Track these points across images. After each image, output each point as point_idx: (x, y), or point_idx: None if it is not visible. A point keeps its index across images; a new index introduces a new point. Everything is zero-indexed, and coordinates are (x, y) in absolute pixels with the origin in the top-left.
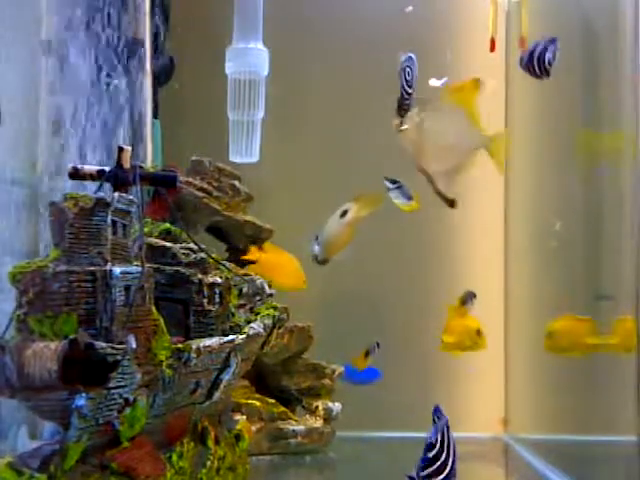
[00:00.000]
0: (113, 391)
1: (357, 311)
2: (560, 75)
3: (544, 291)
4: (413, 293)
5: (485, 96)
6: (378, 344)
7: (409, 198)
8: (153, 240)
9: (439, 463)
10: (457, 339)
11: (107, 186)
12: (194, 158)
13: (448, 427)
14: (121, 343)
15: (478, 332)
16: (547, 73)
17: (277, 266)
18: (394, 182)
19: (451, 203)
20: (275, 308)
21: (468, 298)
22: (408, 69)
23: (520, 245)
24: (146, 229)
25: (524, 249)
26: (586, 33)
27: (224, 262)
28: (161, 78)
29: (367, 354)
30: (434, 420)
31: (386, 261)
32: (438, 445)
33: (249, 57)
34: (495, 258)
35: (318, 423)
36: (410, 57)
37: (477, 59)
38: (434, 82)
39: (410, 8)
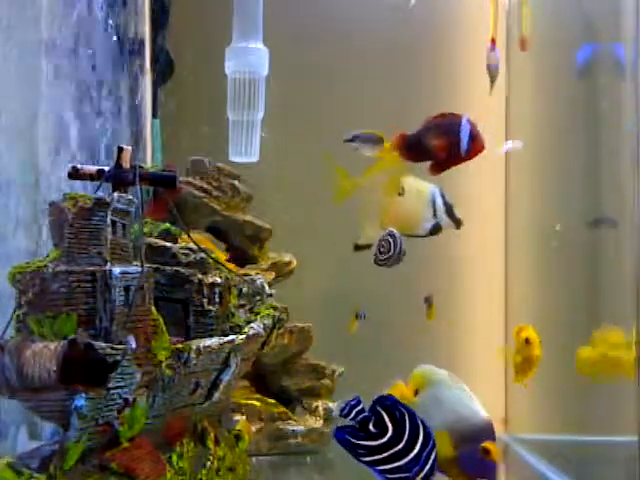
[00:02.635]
0: (113, 391)
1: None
2: (560, 75)
3: (544, 291)
4: (414, 293)
5: (485, 95)
6: (364, 315)
7: (376, 142)
8: (153, 240)
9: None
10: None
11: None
12: (194, 158)
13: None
14: (121, 343)
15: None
16: None
17: None
18: (353, 138)
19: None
20: (275, 308)
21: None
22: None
23: (521, 245)
24: (146, 229)
25: (525, 249)
26: (586, 33)
27: (224, 262)
28: (161, 78)
29: (357, 317)
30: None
31: None
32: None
33: (249, 57)
34: (496, 258)
35: (318, 423)
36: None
37: (477, 59)
38: (508, 146)
39: (413, 2)
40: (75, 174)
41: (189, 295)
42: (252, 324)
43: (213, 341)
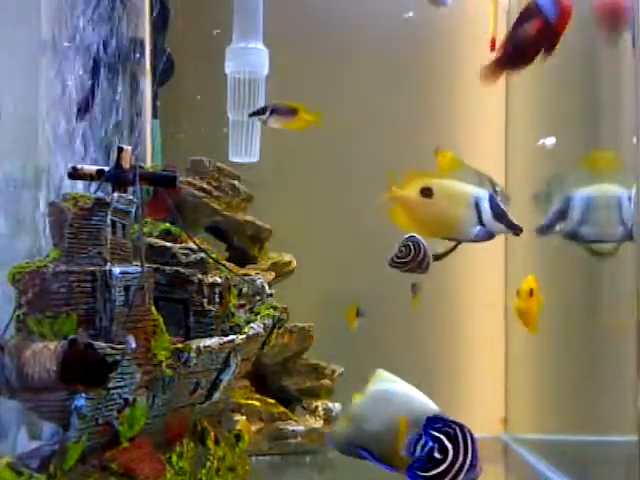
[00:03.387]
0: (113, 391)
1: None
2: (560, 75)
3: (545, 290)
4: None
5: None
6: (364, 312)
7: (286, 113)
8: (153, 240)
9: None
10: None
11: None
12: (194, 158)
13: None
14: (120, 343)
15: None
16: None
17: None
18: (262, 110)
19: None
20: (275, 308)
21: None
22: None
23: (521, 244)
24: (146, 229)
25: (525, 248)
26: (586, 33)
27: (224, 262)
28: (161, 78)
29: (358, 314)
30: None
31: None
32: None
33: (249, 57)
34: (496, 257)
35: (318, 423)
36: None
37: (477, 59)
38: (548, 141)
39: (410, 14)
40: (75, 174)
41: (189, 295)
42: (252, 324)
43: (213, 341)
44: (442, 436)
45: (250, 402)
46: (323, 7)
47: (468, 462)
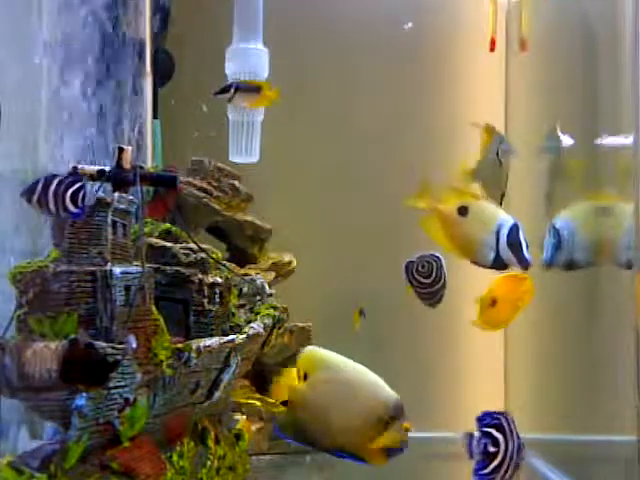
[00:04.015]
0: (113, 391)
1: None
2: (560, 75)
3: (545, 290)
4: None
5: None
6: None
7: (253, 91)
8: (153, 240)
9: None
10: None
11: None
12: (194, 158)
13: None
14: (121, 343)
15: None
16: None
17: None
18: (227, 88)
19: None
20: (275, 308)
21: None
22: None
23: None
24: (146, 229)
25: None
26: (586, 33)
27: (224, 262)
28: (161, 78)
29: (361, 313)
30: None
31: (387, 261)
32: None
33: (249, 57)
34: None
35: None
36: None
37: (477, 59)
38: (566, 139)
39: (410, 25)
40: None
41: (189, 295)
42: (252, 324)
43: (213, 341)
44: (491, 430)
45: (250, 401)
46: (324, 7)
47: (516, 446)
